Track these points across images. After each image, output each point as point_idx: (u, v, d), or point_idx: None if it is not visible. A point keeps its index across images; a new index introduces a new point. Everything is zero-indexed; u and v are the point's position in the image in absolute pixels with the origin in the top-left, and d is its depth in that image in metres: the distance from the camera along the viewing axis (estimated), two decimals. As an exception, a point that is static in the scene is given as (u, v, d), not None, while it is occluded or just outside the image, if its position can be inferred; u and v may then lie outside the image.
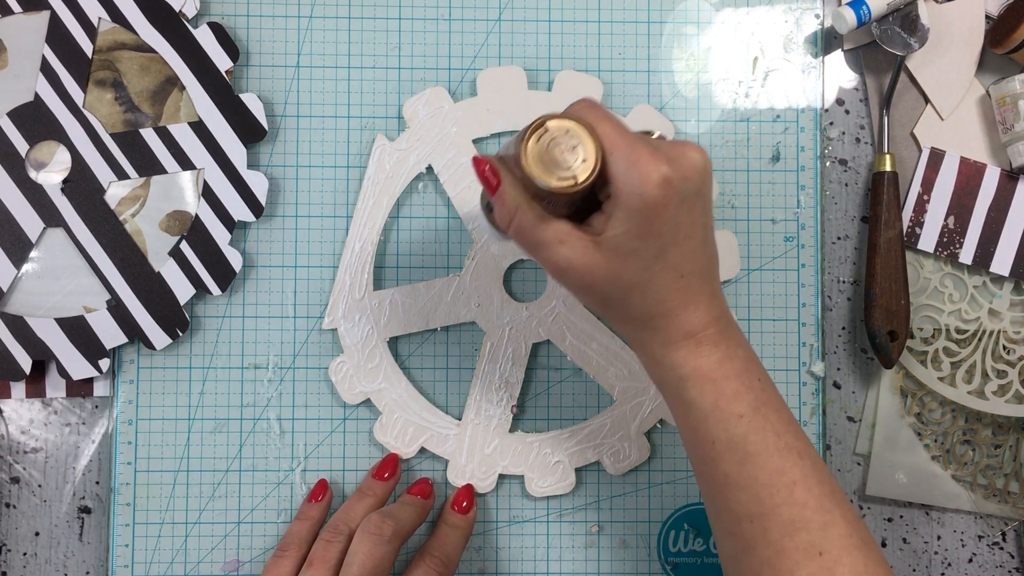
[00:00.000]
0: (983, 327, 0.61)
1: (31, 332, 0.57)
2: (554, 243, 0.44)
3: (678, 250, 0.43)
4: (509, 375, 0.59)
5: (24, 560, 0.59)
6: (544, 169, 0.42)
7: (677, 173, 0.42)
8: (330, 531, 0.53)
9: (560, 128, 0.43)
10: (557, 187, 0.42)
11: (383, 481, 0.57)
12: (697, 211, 0.44)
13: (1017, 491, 0.61)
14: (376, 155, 0.59)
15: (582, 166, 0.42)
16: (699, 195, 0.44)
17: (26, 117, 0.57)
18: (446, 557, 0.54)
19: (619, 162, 0.42)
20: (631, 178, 0.42)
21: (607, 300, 0.45)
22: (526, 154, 0.43)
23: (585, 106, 0.44)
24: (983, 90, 0.61)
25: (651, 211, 0.42)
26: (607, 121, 0.43)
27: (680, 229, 0.43)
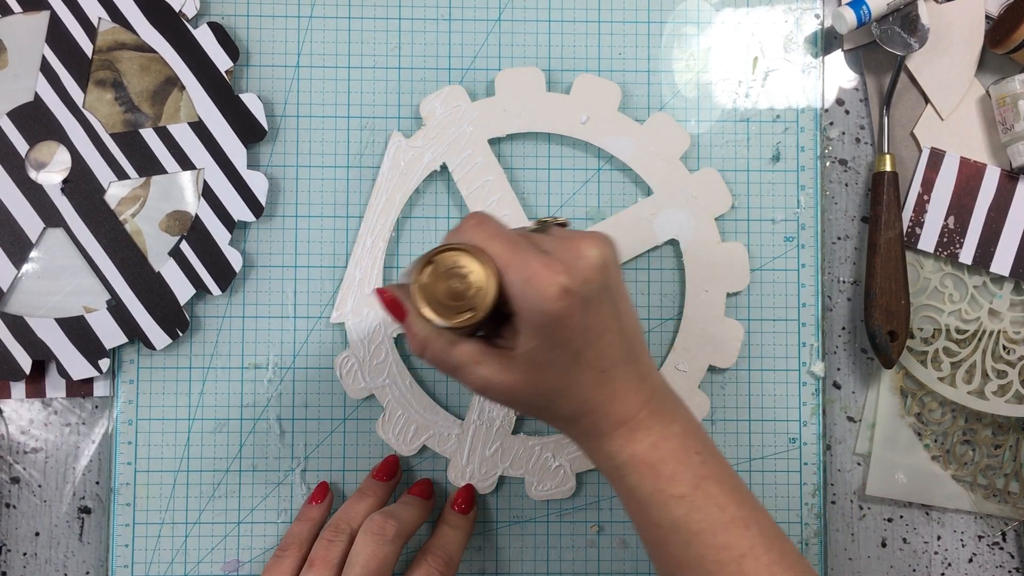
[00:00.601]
0: (983, 327, 0.61)
1: (31, 332, 0.57)
2: (470, 365, 0.44)
3: (593, 350, 0.43)
4: None
5: (24, 560, 0.59)
6: (440, 307, 0.42)
7: (575, 279, 0.42)
8: (331, 531, 0.53)
9: (448, 261, 0.42)
10: (459, 323, 0.42)
11: (383, 482, 0.57)
12: (605, 306, 0.43)
13: (1017, 491, 0.61)
14: (391, 151, 0.59)
15: (477, 295, 0.42)
16: (604, 290, 0.43)
17: (26, 117, 0.57)
18: (448, 556, 0.54)
19: (515, 281, 0.41)
20: (529, 296, 0.41)
21: (532, 407, 0.45)
22: (419, 295, 0.42)
23: (473, 225, 0.43)
24: (983, 90, 0.61)
25: (556, 323, 0.42)
26: (496, 239, 0.42)
27: (591, 330, 0.43)
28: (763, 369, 0.60)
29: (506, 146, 0.60)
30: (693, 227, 0.59)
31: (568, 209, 0.60)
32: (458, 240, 0.43)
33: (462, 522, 0.56)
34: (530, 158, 0.60)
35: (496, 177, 0.59)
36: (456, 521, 0.56)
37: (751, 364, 0.60)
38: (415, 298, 0.42)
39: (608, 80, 0.59)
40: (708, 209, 0.59)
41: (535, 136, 0.60)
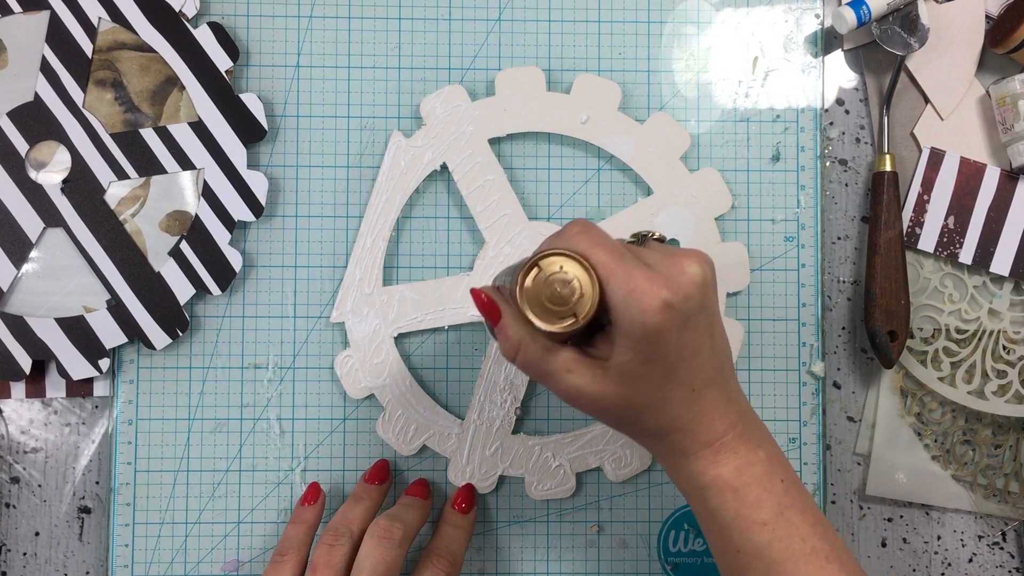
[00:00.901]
0: (983, 327, 0.61)
1: (31, 332, 0.57)
2: (562, 372, 0.44)
3: (687, 367, 0.43)
4: (514, 377, 0.59)
5: (24, 560, 0.59)
6: (542, 311, 0.42)
7: (677, 295, 0.42)
8: (331, 535, 0.53)
9: (553, 265, 0.42)
10: (560, 329, 0.42)
11: (376, 485, 0.57)
12: (702, 325, 0.43)
13: (1017, 491, 0.61)
14: (392, 151, 0.59)
15: (579, 302, 0.42)
16: (703, 309, 0.43)
17: (26, 117, 0.57)
18: (452, 556, 0.54)
19: (617, 291, 0.42)
20: (630, 307, 0.41)
21: (621, 420, 0.45)
22: (523, 299, 0.42)
23: (577, 232, 0.43)
24: (983, 90, 0.61)
25: (654, 337, 0.42)
26: (601, 248, 0.42)
27: (687, 347, 0.43)
28: (763, 369, 0.60)
29: (506, 146, 0.60)
30: (693, 227, 0.59)
31: (568, 209, 0.60)
32: (562, 245, 0.43)
33: (463, 521, 0.56)
34: (530, 158, 0.60)
35: (496, 177, 0.59)
36: (457, 521, 0.56)
37: (751, 364, 0.60)
38: (521, 301, 0.42)
39: (608, 80, 0.59)
40: (708, 209, 0.59)
41: (535, 136, 0.60)
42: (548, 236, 0.45)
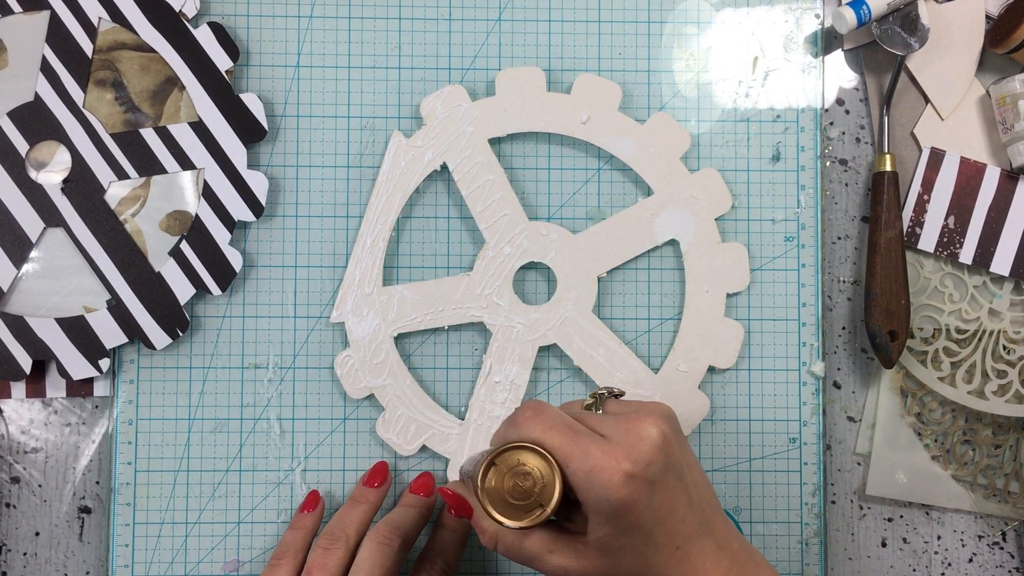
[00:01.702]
0: (983, 327, 0.61)
1: (31, 332, 0.57)
2: (544, 555, 0.44)
3: (664, 529, 0.43)
4: (515, 377, 0.59)
5: (24, 560, 0.59)
6: (507, 508, 0.42)
7: (638, 464, 0.42)
8: (327, 538, 0.53)
9: (510, 459, 0.42)
10: (529, 523, 0.42)
11: (374, 488, 0.57)
12: (671, 484, 0.43)
13: (1017, 491, 0.61)
14: (392, 151, 0.59)
15: (543, 491, 0.42)
16: (669, 469, 0.43)
17: (26, 117, 0.57)
18: (445, 562, 0.54)
19: (578, 472, 0.42)
20: (593, 486, 0.41)
21: None
22: (485, 500, 0.42)
23: (529, 418, 0.43)
24: (983, 90, 0.61)
25: (624, 510, 0.42)
26: (553, 431, 0.42)
27: (660, 510, 0.43)
28: (763, 369, 0.60)
29: (506, 146, 0.60)
30: (693, 227, 0.59)
31: (568, 209, 0.60)
32: (516, 434, 0.43)
33: (458, 526, 0.56)
34: (530, 158, 0.60)
35: (496, 177, 0.59)
36: (453, 525, 0.56)
37: (751, 364, 0.60)
38: (484, 503, 0.42)
39: (608, 80, 0.59)
40: (708, 209, 0.59)
41: (535, 136, 0.60)
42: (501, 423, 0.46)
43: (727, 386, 0.60)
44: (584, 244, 0.59)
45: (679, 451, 0.44)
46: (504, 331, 0.59)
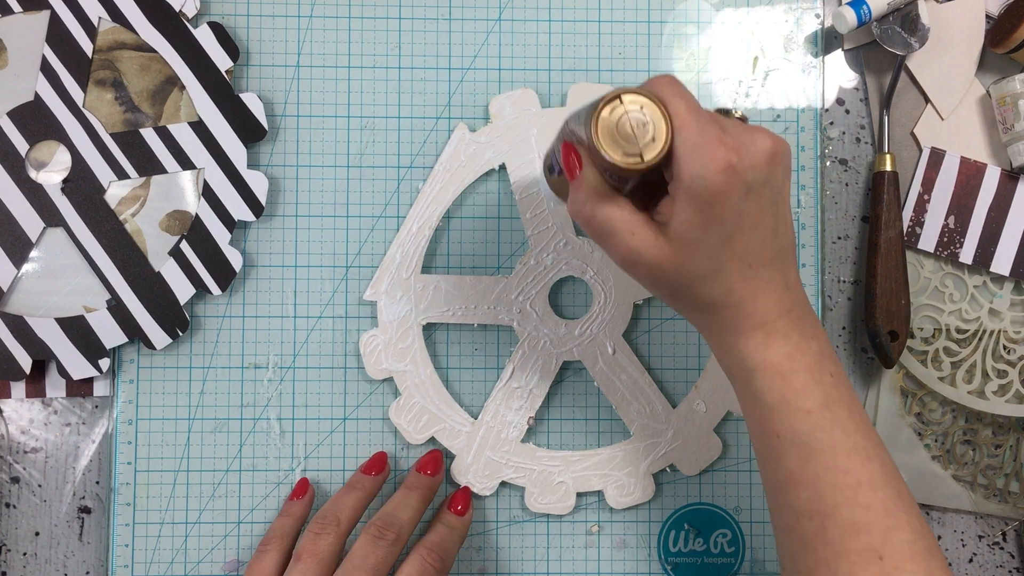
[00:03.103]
0: (983, 327, 0.61)
1: (31, 332, 0.57)
2: (625, 233, 0.43)
3: (744, 239, 0.43)
4: (534, 386, 0.59)
5: (24, 560, 0.59)
6: (612, 143, 0.42)
7: (743, 161, 0.42)
8: (318, 523, 0.53)
9: (634, 103, 0.42)
10: (623, 163, 0.42)
11: (372, 476, 0.56)
12: (765, 200, 0.43)
13: (1017, 491, 0.61)
14: (454, 142, 0.59)
15: (651, 144, 0.42)
16: (767, 184, 0.43)
17: (26, 117, 0.57)
18: (443, 554, 0.54)
19: (685, 144, 0.41)
20: (695, 162, 0.41)
21: (675, 291, 0.45)
22: (596, 126, 0.42)
23: (665, 82, 0.43)
24: (983, 90, 0.61)
25: (714, 199, 0.41)
26: (681, 100, 0.42)
27: (746, 218, 0.42)
28: (763, 369, 0.60)
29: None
30: None
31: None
32: (647, 87, 0.43)
33: (458, 523, 0.56)
34: None
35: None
36: (452, 522, 0.56)
37: (751, 364, 0.60)
38: (593, 128, 0.42)
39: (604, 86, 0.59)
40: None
41: None
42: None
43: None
44: None
45: (782, 179, 0.44)
46: (531, 339, 0.59)
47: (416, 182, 0.60)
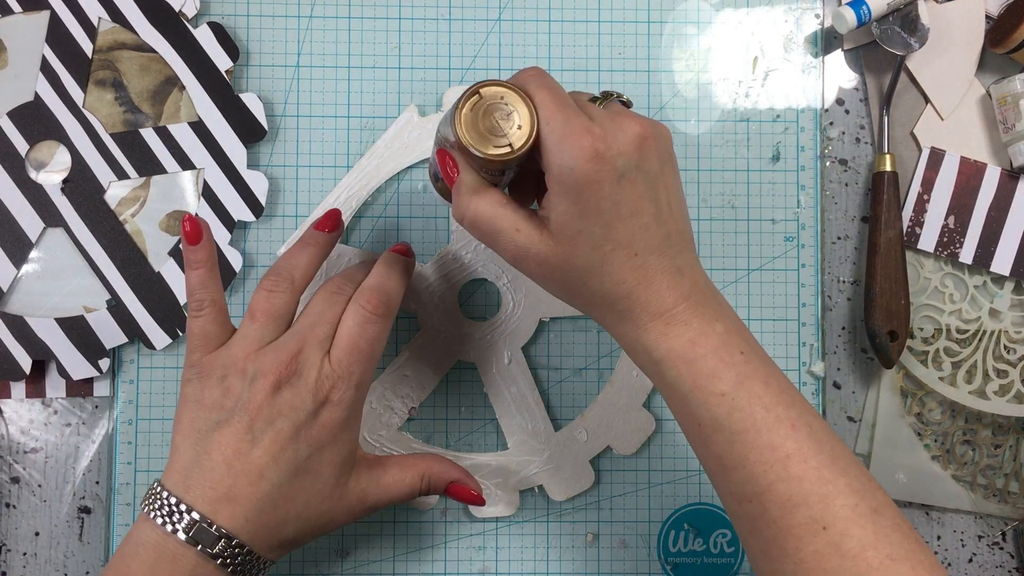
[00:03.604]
0: (984, 327, 0.61)
1: (31, 332, 0.57)
2: (510, 231, 0.44)
3: (625, 228, 0.43)
4: (425, 378, 0.58)
5: (24, 560, 0.59)
6: (479, 137, 0.43)
7: (611, 148, 0.42)
8: (271, 279, 0.50)
9: (494, 95, 0.43)
10: (492, 155, 0.42)
11: (325, 233, 0.53)
12: (640, 186, 0.43)
13: (1017, 491, 0.61)
14: (401, 122, 0.59)
15: (517, 133, 0.42)
16: (639, 170, 0.43)
17: (26, 117, 0.57)
18: (384, 295, 0.50)
19: (552, 135, 0.42)
20: (562, 152, 0.41)
21: (567, 286, 0.45)
22: (460, 121, 0.43)
23: (530, 75, 0.44)
24: (983, 90, 0.61)
25: (585, 188, 0.42)
26: (547, 90, 0.43)
27: (623, 206, 0.42)
28: (763, 369, 0.60)
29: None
30: None
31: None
32: (512, 79, 0.43)
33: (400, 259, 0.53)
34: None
35: None
36: (391, 259, 0.52)
37: (751, 364, 0.60)
38: (458, 124, 0.42)
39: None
40: None
41: None
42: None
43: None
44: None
45: (659, 164, 0.44)
46: (432, 332, 0.58)
47: (416, 182, 0.60)
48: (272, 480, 0.47)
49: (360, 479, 0.50)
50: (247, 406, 0.47)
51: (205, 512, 0.46)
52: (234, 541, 0.46)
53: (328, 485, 0.48)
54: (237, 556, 0.46)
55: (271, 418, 0.47)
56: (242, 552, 0.46)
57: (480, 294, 0.60)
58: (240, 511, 0.46)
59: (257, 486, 0.46)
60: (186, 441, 0.48)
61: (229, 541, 0.46)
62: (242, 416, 0.47)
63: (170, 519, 0.46)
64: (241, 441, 0.47)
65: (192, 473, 0.47)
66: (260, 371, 0.48)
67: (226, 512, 0.46)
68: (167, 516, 0.46)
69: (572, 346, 0.60)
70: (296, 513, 0.48)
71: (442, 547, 0.59)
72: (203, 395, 0.48)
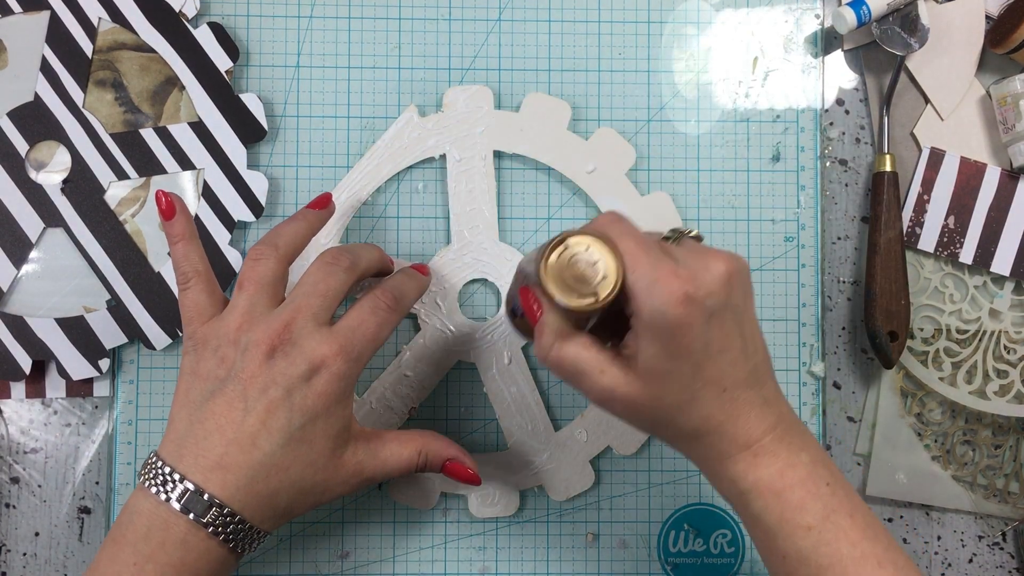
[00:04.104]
0: (984, 327, 0.61)
1: (31, 332, 0.57)
2: (594, 373, 0.44)
3: (714, 366, 0.43)
4: (425, 378, 0.58)
5: (24, 560, 0.59)
6: (564, 287, 0.43)
7: (700, 289, 0.42)
8: (256, 249, 0.50)
9: (580, 244, 0.43)
10: (578, 306, 0.42)
11: (316, 211, 0.53)
12: (728, 323, 0.43)
13: (1017, 491, 0.61)
14: (401, 122, 0.59)
15: (603, 283, 0.42)
16: (728, 307, 0.43)
17: (26, 117, 0.57)
18: (398, 294, 0.51)
19: (640, 280, 0.42)
20: (652, 297, 0.41)
21: (655, 423, 0.45)
22: (546, 271, 0.43)
23: (609, 221, 0.44)
24: (983, 90, 0.61)
25: (677, 331, 0.42)
26: (629, 237, 0.43)
27: (712, 344, 0.43)
28: (763, 369, 0.60)
29: (508, 161, 0.60)
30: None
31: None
32: (592, 228, 0.43)
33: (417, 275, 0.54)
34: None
35: (488, 187, 0.58)
36: (411, 271, 0.54)
37: (751, 364, 0.60)
38: (544, 277, 0.43)
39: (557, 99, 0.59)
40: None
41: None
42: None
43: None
44: None
45: (743, 298, 0.44)
46: (433, 332, 0.58)
47: (416, 183, 0.60)
48: (264, 448, 0.46)
49: (357, 451, 0.50)
50: (240, 375, 0.47)
51: (197, 481, 0.46)
52: (225, 510, 0.46)
53: (323, 456, 0.48)
54: (229, 525, 0.46)
55: (264, 386, 0.47)
56: (234, 521, 0.46)
57: (481, 294, 0.60)
58: (232, 479, 0.46)
59: (250, 454, 0.46)
60: (181, 411, 0.48)
61: (221, 510, 0.45)
62: (235, 384, 0.47)
63: (164, 488, 0.46)
64: (234, 409, 0.47)
65: (186, 442, 0.47)
66: (252, 340, 0.48)
67: (218, 480, 0.46)
68: (161, 485, 0.46)
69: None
70: (290, 483, 0.47)
71: (442, 547, 0.59)
72: (198, 366, 0.48)
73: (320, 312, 0.48)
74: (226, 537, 0.46)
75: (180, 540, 0.45)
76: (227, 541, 0.46)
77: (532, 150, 0.59)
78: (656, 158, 0.60)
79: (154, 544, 0.45)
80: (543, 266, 0.43)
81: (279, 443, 0.47)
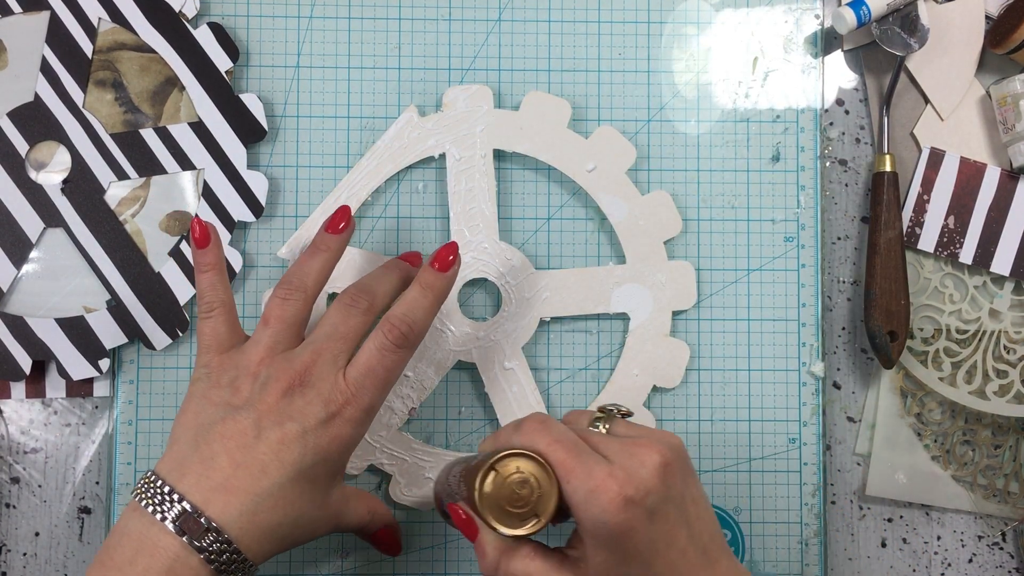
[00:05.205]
0: (984, 327, 0.61)
1: (31, 332, 0.57)
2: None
3: (663, 561, 0.43)
4: (425, 378, 0.58)
5: (24, 560, 0.59)
6: (502, 514, 0.42)
7: (639, 490, 0.41)
8: (284, 288, 0.50)
9: (509, 467, 0.42)
10: (523, 533, 0.42)
11: (336, 235, 0.53)
12: (672, 516, 0.43)
13: (1017, 491, 0.61)
14: (400, 123, 0.59)
15: (540, 501, 0.42)
16: (668, 500, 0.42)
17: (26, 117, 0.57)
18: (411, 323, 0.49)
19: (577, 492, 0.41)
20: (591, 506, 0.41)
21: None
22: (481, 503, 0.42)
23: (535, 429, 0.43)
24: (983, 90, 0.61)
25: (621, 537, 0.41)
26: (559, 445, 0.42)
27: (658, 541, 0.42)
28: (763, 369, 0.60)
29: (508, 160, 0.60)
30: (649, 312, 0.59)
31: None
32: (519, 442, 0.43)
33: (437, 281, 0.51)
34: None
35: (488, 186, 0.58)
36: (429, 280, 0.51)
37: (751, 364, 0.60)
38: (480, 508, 0.42)
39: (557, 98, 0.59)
40: (671, 301, 0.59)
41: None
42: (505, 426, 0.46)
43: (727, 386, 0.60)
44: (540, 283, 0.59)
45: (682, 482, 0.44)
46: (434, 332, 0.58)
47: (416, 182, 0.60)
48: (274, 478, 0.46)
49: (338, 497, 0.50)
50: (256, 405, 0.47)
51: (196, 502, 0.45)
52: (223, 536, 0.45)
53: (322, 494, 0.48)
54: (223, 553, 0.45)
55: (280, 419, 0.47)
56: (228, 549, 0.45)
57: (482, 294, 0.60)
58: (235, 503, 0.45)
59: (258, 481, 0.46)
60: (187, 432, 0.47)
61: (218, 535, 0.45)
62: (249, 413, 0.47)
63: (160, 507, 0.45)
64: (245, 435, 0.46)
65: (189, 461, 0.46)
66: (272, 376, 0.48)
67: (220, 502, 0.45)
68: (157, 504, 0.45)
69: (572, 346, 0.60)
70: (292, 517, 0.47)
71: (442, 547, 0.59)
72: (210, 393, 0.48)
73: (339, 356, 0.49)
74: (218, 567, 0.45)
75: (167, 565, 0.44)
76: (217, 571, 0.45)
77: (532, 149, 0.59)
78: (656, 158, 0.60)
79: (139, 570, 0.44)
80: (477, 497, 0.42)
81: (289, 476, 0.46)
